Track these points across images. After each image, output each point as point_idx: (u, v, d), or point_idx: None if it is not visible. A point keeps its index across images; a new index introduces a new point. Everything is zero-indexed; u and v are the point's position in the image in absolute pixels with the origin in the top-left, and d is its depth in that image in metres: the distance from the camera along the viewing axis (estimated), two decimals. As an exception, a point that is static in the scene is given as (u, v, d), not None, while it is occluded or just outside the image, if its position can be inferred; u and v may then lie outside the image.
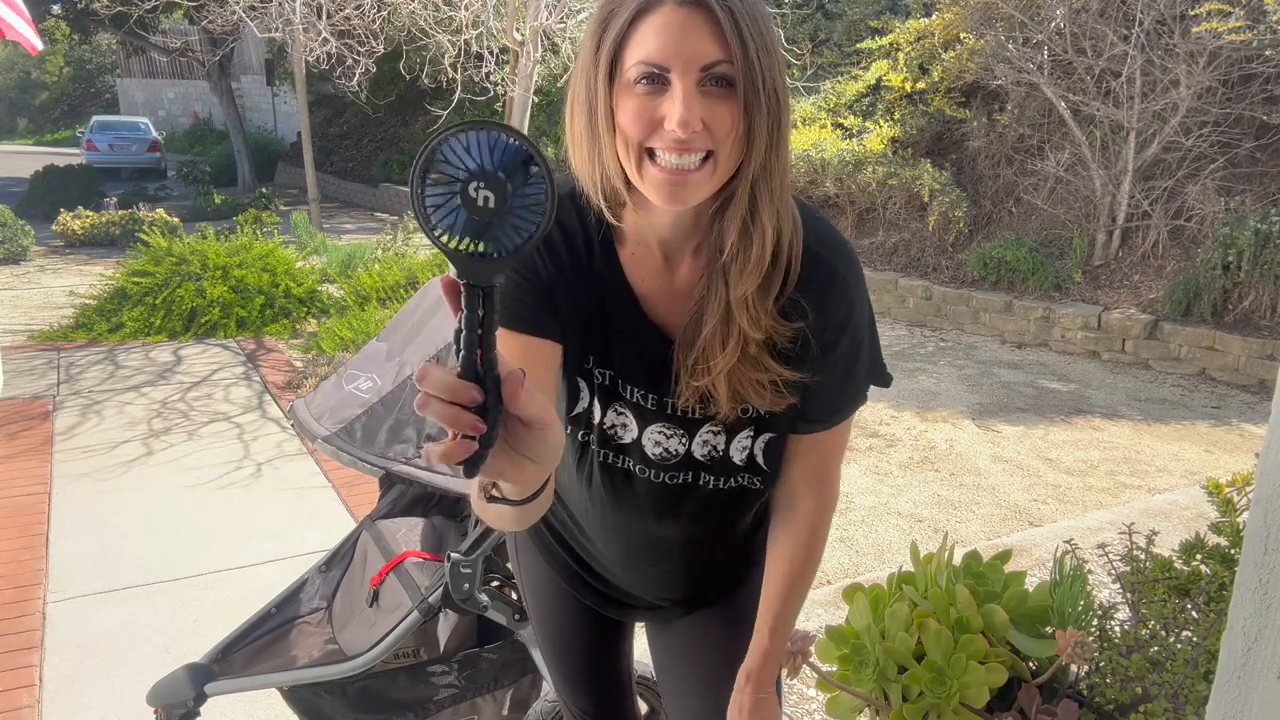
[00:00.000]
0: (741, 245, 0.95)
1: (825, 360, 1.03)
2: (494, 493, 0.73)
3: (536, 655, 1.88)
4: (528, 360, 0.95)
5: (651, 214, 0.98)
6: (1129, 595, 1.41)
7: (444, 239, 0.57)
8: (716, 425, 1.06)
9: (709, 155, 0.89)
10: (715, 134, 0.88)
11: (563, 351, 1.02)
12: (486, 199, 0.57)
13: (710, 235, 0.98)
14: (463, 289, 0.58)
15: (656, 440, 1.07)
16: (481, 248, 0.58)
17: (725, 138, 0.88)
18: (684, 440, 1.07)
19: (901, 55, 9.18)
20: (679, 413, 1.05)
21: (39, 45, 5.22)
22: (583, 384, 1.07)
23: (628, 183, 0.94)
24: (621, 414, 1.07)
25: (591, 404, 1.07)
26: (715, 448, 1.08)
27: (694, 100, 0.86)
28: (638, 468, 1.10)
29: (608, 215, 0.98)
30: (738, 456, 1.08)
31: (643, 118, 0.88)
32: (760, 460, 1.09)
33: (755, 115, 0.88)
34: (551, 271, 1.00)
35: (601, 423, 1.08)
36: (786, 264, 0.98)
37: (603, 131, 0.91)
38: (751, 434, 1.07)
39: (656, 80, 0.87)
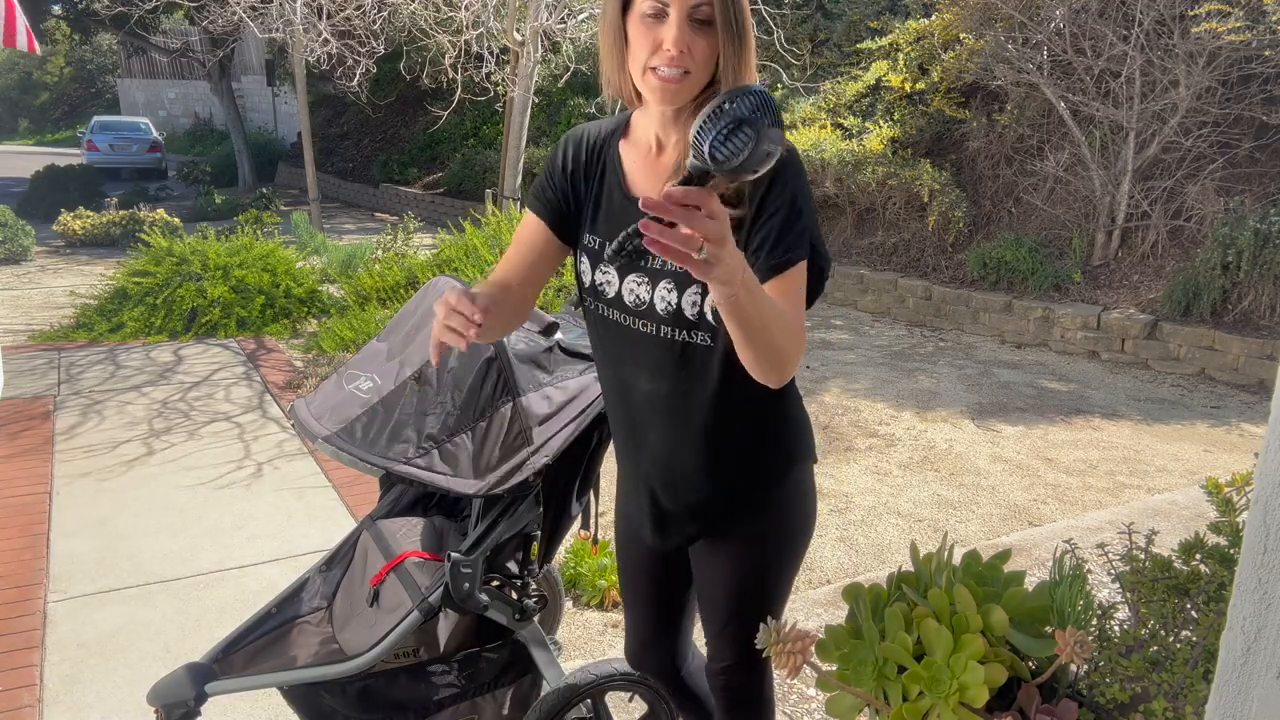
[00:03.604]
0: None
1: (761, 228, 1.26)
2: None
3: (537, 655, 1.88)
4: (525, 228, 1.43)
5: (650, 113, 1.34)
6: (1128, 595, 1.41)
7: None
8: (670, 281, 1.32)
9: (687, 73, 1.23)
10: (695, 59, 1.23)
11: (569, 230, 1.42)
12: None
13: (686, 132, 1.30)
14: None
15: (631, 289, 1.36)
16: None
17: (700, 62, 1.23)
18: (649, 289, 1.34)
19: (901, 55, 9.18)
20: (645, 264, 1.33)
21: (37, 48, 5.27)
22: (582, 255, 1.41)
23: (633, 89, 1.31)
24: (606, 271, 1.38)
25: (587, 269, 1.40)
26: (670, 302, 1.32)
27: (684, 30, 1.21)
28: (621, 316, 1.38)
29: (628, 104, 1.37)
30: (689, 310, 1.32)
31: (646, 41, 1.23)
32: (709, 317, 1.31)
33: (725, 47, 1.23)
34: (571, 165, 1.41)
35: (594, 281, 1.39)
36: None
37: (619, 50, 1.28)
38: (699, 291, 1.30)
39: (660, 15, 1.23)
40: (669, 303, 1.32)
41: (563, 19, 7.90)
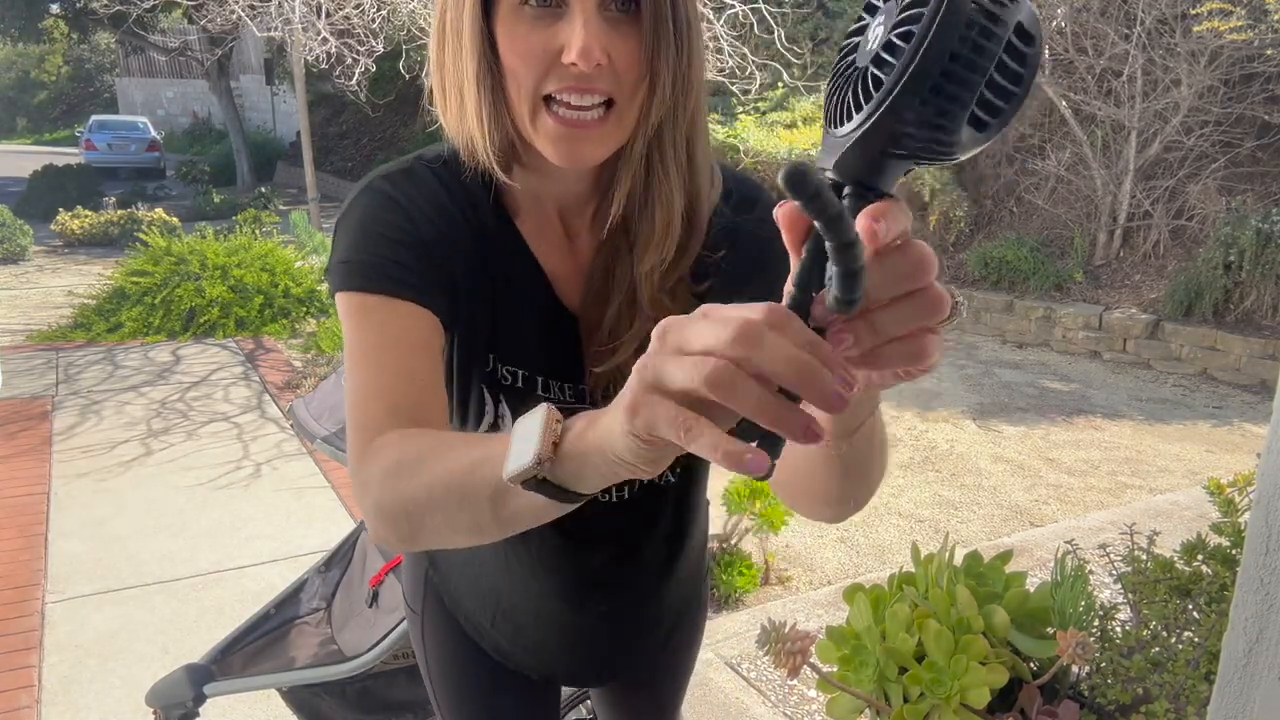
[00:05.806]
0: (643, 209, 0.80)
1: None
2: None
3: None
4: (402, 342, 0.74)
5: (548, 175, 0.82)
6: (1130, 596, 1.40)
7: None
8: None
9: (610, 104, 0.73)
10: (620, 72, 0.72)
11: (454, 346, 0.83)
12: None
13: (606, 197, 0.82)
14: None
15: None
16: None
17: (629, 76, 0.73)
18: None
19: (901, 55, 9.17)
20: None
21: None
22: (488, 394, 0.87)
23: (514, 140, 0.78)
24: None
25: (500, 414, 0.87)
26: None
27: (597, 24, 0.70)
28: None
29: (499, 174, 0.79)
30: None
31: (535, 52, 0.71)
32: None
33: (662, 50, 0.72)
34: (436, 238, 0.79)
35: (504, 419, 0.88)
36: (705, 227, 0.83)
37: (476, 76, 0.74)
38: None
39: (549, 2, 0.71)
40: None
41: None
